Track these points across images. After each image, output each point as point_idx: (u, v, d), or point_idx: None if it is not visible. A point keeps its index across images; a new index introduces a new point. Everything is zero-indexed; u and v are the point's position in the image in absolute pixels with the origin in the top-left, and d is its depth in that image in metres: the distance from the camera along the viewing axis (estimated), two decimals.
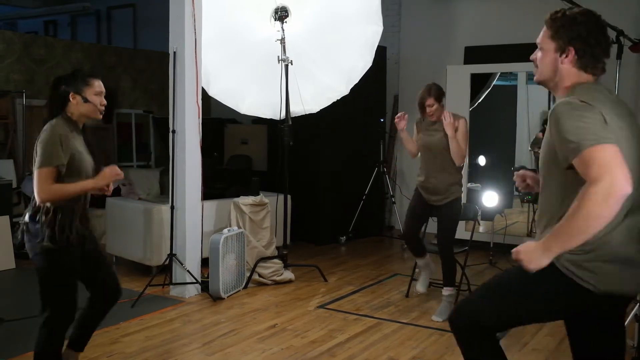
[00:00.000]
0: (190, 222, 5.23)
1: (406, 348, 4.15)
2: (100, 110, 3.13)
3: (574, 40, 2.13)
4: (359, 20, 5.85)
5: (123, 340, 4.23)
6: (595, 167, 1.88)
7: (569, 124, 1.98)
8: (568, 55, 2.14)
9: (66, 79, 3.09)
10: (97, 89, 3.11)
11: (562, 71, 2.17)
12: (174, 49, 5.13)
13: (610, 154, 1.89)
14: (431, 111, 4.66)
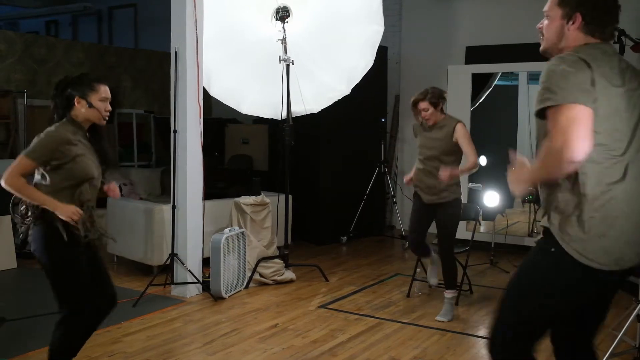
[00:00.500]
0: (191, 221, 5.23)
1: (407, 348, 4.15)
2: (104, 117, 3.13)
3: (580, 5, 2.12)
4: (360, 20, 5.85)
5: (124, 339, 4.24)
6: (555, 126, 1.95)
7: (550, 77, 2.02)
8: (575, 22, 2.13)
9: (72, 82, 3.09)
10: (103, 94, 3.10)
11: (569, 37, 2.15)
12: (176, 49, 5.13)
13: (573, 116, 1.93)
14: (426, 115, 4.59)
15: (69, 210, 2.94)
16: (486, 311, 4.97)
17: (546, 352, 3.73)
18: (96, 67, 9.00)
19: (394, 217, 8.51)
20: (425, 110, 4.59)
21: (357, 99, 6.55)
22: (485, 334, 4.46)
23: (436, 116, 4.63)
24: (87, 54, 8.97)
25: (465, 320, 4.74)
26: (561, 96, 1.96)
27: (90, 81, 3.10)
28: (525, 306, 2.24)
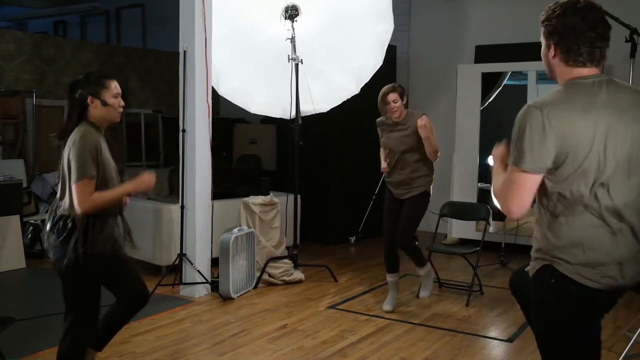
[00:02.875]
0: (200, 221, 5.21)
1: (418, 349, 4.11)
2: (120, 112, 3.07)
3: (552, 35, 2.10)
4: (369, 18, 5.81)
5: (133, 340, 4.22)
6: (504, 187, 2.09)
7: (514, 133, 2.07)
8: (553, 52, 2.11)
9: (81, 82, 2.99)
10: (114, 90, 3.04)
11: (554, 66, 2.14)
12: (184, 48, 5.11)
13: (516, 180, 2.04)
14: (395, 107, 4.60)
15: (145, 182, 3.02)
16: (497, 312, 4.93)
17: None
18: (104, 67, 8.99)
19: None
20: (395, 102, 4.61)
21: (365, 99, 6.49)
22: (496, 335, 4.43)
23: (402, 111, 4.66)
24: (96, 54, 8.97)
25: (477, 322, 4.69)
26: (514, 158, 2.04)
27: (98, 78, 3.02)
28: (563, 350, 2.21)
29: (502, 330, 4.54)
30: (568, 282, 2.07)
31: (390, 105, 4.61)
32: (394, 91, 4.60)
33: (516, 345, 4.24)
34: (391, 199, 4.79)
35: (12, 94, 7.94)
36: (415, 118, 4.61)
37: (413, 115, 4.67)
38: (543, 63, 2.19)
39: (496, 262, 6.45)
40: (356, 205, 7.64)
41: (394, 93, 4.59)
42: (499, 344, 4.29)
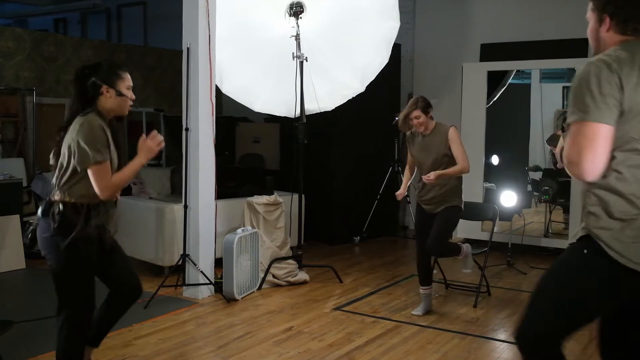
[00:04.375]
0: (203, 221, 5.13)
1: (427, 352, 4.03)
2: (131, 105, 3.01)
3: (606, 7, 2.10)
4: (375, 15, 5.72)
5: (136, 342, 4.13)
6: (573, 140, 1.99)
7: (577, 88, 2.00)
8: (605, 24, 2.11)
9: (95, 70, 2.91)
10: (128, 82, 2.98)
11: (605, 40, 2.13)
12: (188, 45, 5.03)
13: (588, 136, 1.95)
14: (419, 123, 4.53)
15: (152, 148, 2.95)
16: (505, 314, 4.85)
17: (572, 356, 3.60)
18: None
19: (407, 217, 8.38)
20: (418, 118, 4.52)
21: (369, 98, 6.43)
22: (505, 338, 4.34)
23: (428, 123, 4.57)
24: (97, 51, 8.88)
25: (485, 323, 4.61)
26: (584, 113, 1.97)
27: (114, 68, 2.94)
28: (557, 303, 2.21)
29: (511, 333, 4.44)
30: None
31: (414, 122, 4.55)
32: (415, 109, 4.52)
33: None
34: (422, 214, 4.70)
35: (12, 92, 7.86)
36: (445, 130, 4.53)
37: (441, 127, 4.57)
38: (591, 40, 2.17)
39: (503, 263, 6.37)
40: (360, 205, 7.56)
41: (416, 111, 4.52)
42: (509, 346, 4.20)
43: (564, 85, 7.96)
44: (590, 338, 4.32)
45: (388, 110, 7.94)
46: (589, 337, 4.34)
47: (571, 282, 2.15)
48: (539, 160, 7.92)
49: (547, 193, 7.11)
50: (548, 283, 2.27)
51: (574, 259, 2.18)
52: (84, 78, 2.90)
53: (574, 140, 1.98)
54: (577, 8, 7.25)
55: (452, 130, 4.51)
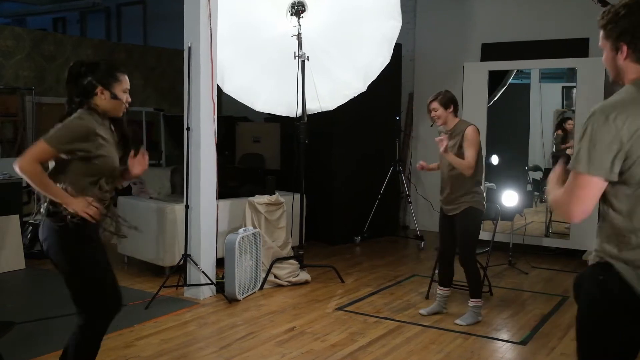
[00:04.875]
0: (205, 221, 5.11)
1: (430, 352, 4.02)
2: (126, 108, 2.93)
3: (622, 35, 2.03)
4: (377, 15, 5.71)
5: (138, 343, 4.11)
6: (568, 189, 1.98)
7: (584, 137, 1.98)
8: (622, 52, 2.04)
9: (92, 69, 2.83)
10: (125, 85, 2.90)
11: (623, 68, 2.07)
12: (189, 44, 5.00)
13: (582, 187, 1.94)
14: (435, 115, 4.52)
15: (82, 205, 2.71)
16: (508, 314, 4.84)
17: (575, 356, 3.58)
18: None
19: (408, 217, 8.37)
20: (435, 110, 4.52)
21: (370, 97, 6.42)
22: (508, 338, 4.33)
23: (447, 118, 4.53)
24: (96, 50, 8.85)
25: (488, 324, 4.59)
26: (583, 165, 1.95)
27: (112, 70, 2.87)
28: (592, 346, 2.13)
29: (514, 333, 4.44)
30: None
31: (431, 114, 4.54)
32: (435, 100, 4.52)
33: (530, 348, 4.15)
34: (443, 215, 4.67)
35: (11, 91, 7.83)
36: (463, 128, 4.47)
37: (462, 125, 4.51)
38: (608, 68, 2.12)
39: (504, 263, 6.36)
40: (361, 205, 7.54)
41: (435, 102, 4.51)
42: (512, 346, 4.19)
43: (563, 85, 7.95)
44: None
45: (389, 110, 7.95)
46: None
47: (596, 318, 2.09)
48: (539, 160, 7.92)
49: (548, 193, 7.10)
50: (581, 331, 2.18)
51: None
52: (80, 76, 2.83)
53: (569, 188, 1.98)
54: (576, 8, 7.31)
55: (469, 129, 4.44)
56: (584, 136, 1.96)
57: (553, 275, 6.10)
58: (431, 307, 4.80)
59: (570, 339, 4.28)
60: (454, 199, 4.52)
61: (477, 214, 4.54)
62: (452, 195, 4.52)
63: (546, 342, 4.24)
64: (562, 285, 5.69)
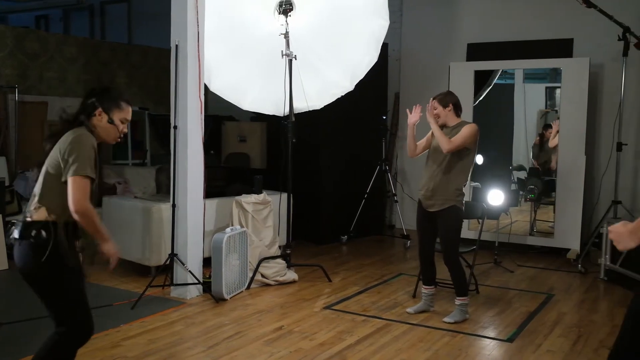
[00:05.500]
0: (192, 220, 5.08)
1: (418, 350, 4.03)
2: (119, 137, 2.94)
3: None
4: (365, 13, 5.71)
5: (124, 343, 4.08)
6: None
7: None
8: None
9: (100, 93, 2.91)
10: (126, 115, 2.93)
11: None
12: (176, 42, 4.97)
13: None
14: (435, 113, 4.59)
15: (114, 249, 2.85)
16: (494, 312, 4.87)
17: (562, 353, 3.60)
18: (90, 63, 8.80)
19: (394, 216, 8.39)
20: (435, 109, 4.60)
21: (357, 97, 6.43)
22: (495, 335, 4.36)
23: (446, 117, 4.59)
24: (80, 48, 8.76)
25: (475, 321, 4.62)
26: None
27: (118, 98, 2.92)
28: None
29: (500, 330, 4.47)
30: None
31: (431, 112, 4.60)
32: (434, 98, 4.62)
33: (516, 345, 4.17)
34: (422, 212, 4.67)
35: None
36: (461, 127, 4.53)
37: (460, 125, 4.57)
38: None
39: (490, 261, 6.40)
40: (348, 204, 7.54)
41: (435, 100, 4.61)
42: (499, 344, 4.22)
43: (546, 86, 8.01)
44: (578, 334, 4.36)
45: (375, 109, 7.96)
46: (577, 333, 4.38)
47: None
48: (523, 160, 7.97)
49: (533, 192, 7.16)
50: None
51: None
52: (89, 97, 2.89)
53: None
54: (561, 9, 7.38)
55: (467, 125, 4.53)
56: None
57: (538, 273, 6.15)
58: (418, 306, 4.82)
59: (556, 336, 4.32)
60: (438, 195, 4.53)
61: (460, 213, 4.60)
62: (437, 190, 4.53)
63: (532, 339, 4.27)
64: (547, 283, 5.75)
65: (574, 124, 6.64)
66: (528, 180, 7.41)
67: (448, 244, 4.57)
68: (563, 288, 5.56)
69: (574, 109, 6.61)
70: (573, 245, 6.65)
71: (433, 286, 4.83)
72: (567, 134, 6.72)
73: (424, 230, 4.70)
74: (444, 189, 4.51)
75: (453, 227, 4.56)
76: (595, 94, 6.96)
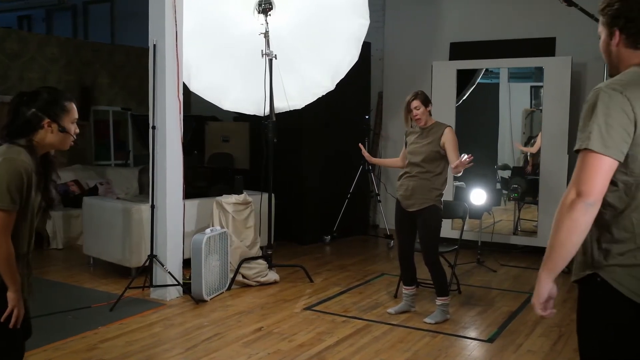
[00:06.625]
0: (171, 221, 5.04)
1: (398, 351, 4.01)
2: (72, 142, 2.53)
3: (615, 19, 2.00)
4: (345, 13, 5.69)
5: (102, 346, 4.03)
6: (574, 174, 1.88)
7: (585, 114, 1.90)
8: (615, 38, 2.01)
9: (35, 99, 2.44)
10: (74, 115, 2.51)
11: (617, 54, 2.02)
12: (154, 42, 4.93)
13: (595, 167, 1.85)
14: (417, 114, 4.54)
15: (20, 304, 2.36)
16: (476, 312, 4.86)
17: (542, 353, 3.59)
18: (71, 63, 8.73)
19: (378, 216, 8.38)
20: (417, 109, 4.55)
21: (340, 96, 6.41)
22: (476, 335, 4.35)
23: (426, 117, 4.58)
24: (62, 49, 8.68)
25: (456, 322, 4.61)
26: (589, 141, 1.87)
27: (58, 99, 2.48)
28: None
29: (481, 331, 4.46)
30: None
31: (412, 112, 4.56)
32: (416, 98, 4.56)
33: (497, 345, 4.16)
34: (401, 212, 4.66)
35: None
36: (441, 129, 4.52)
37: (438, 126, 4.56)
38: (604, 55, 2.07)
39: (473, 261, 6.40)
40: (331, 204, 7.52)
41: (416, 100, 4.56)
42: (480, 344, 4.21)
43: (531, 85, 8.03)
44: (559, 334, 4.35)
45: (358, 108, 7.95)
46: (558, 332, 4.38)
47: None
48: (508, 159, 7.99)
49: (516, 191, 7.17)
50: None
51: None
52: (21, 105, 2.43)
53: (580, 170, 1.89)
54: (543, 8, 7.39)
55: (448, 130, 4.50)
56: (593, 114, 1.87)
57: (521, 272, 6.15)
58: (399, 306, 4.80)
59: (536, 336, 4.31)
60: (417, 195, 4.51)
61: (440, 213, 4.59)
62: (416, 190, 4.51)
63: (513, 339, 4.26)
64: (529, 282, 5.74)
65: (557, 123, 6.65)
66: (511, 179, 7.42)
67: (428, 244, 4.56)
68: None
69: (557, 108, 6.61)
70: None
71: (414, 286, 4.81)
72: (550, 133, 6.73)
73: (403, 230, 4.68)
74: (422, 189, 4.50)
75: (432, 227, 4.55)
76: (577, 93, 6.97)
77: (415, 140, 4.63)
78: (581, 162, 1.88)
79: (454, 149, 4.45)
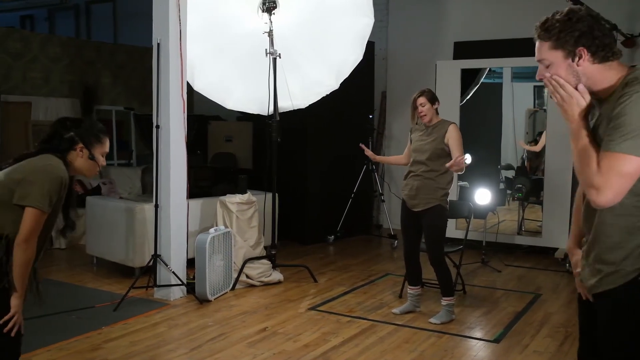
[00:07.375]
0: (175, 221, 5.02)
1: (404, 351, 3.98)
2: (97, 171, 2.74)
3: (580, 39, 1.96)
4: (349, 12, 5.67)
5: (106, 346, 4.01)
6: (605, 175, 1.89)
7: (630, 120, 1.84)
8: (582, 57, 1.97)
9: (78, 125, 2.66)
10: (105, 149, 2.71)
11: (586, 73, 1.98)
12: (158, 40, 4.91)
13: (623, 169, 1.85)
14: (423, 111, 4.52)
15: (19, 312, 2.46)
16: (481, 312, 4.83)
17: (548, 353, 3.56)
18: (74, 62, 8.71)
19: (381, 216, 8.35)
20: (423, 106, 4.53)
21: (343, 96, 6.38)
22: (481, 336, 4.32)
23: (432, 114, 4.56)
24: (65, 48, 8.66)
25: (462, 322, 4.58)
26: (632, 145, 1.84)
27: (97, 131, 2.69)
28: None
29: (487, 331, 4.44)
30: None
31: (419, 109, 4.55)
32: (422, 95, 4.56)
33: (503, 346, 4.14)
34: (406, 211, 4.63)
35: None
36: (445, 126, 4.50)
37: (443, 123, 4.55)
38: (567, 78, 2.02)
39: (477, 261, 6.37)
40: (334, 204, 7.50)
41: (422, 97, 4.55)
42: (486, 344, 4.18)
43: (534, 85, 8.01)
44: (565, 335, 4.33)
45: (362, 108, 7.92)
46: (564, 333, 4.35)
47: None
48: (511, 159, 7.97)
49: (520, 191, 7.15)
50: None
51: None
52: (63, 128, 2.64)
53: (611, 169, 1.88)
54: (548, 6, 7.33)
55: (452, 127, 4.49)
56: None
57: (526, 272, 6.13)
58: (404, 307, 4.78)
59: (542, 336, 4.29)
60: (422, 194, 4.49)
61: (445, 213, 4.57)
62: (421, 189, 4.50)
63: (519, 339, 4.24)
64: (534, 282, 5.72)
65: (562, 122, 6.57)
66: (516, 179, 7.40)
67: (433, 244, 4.54)
68: (550, 288, 5.54)
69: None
70: (561, 244, 6.63)
71: (419, 286, 4.79)
72: (555, 133, 6.70)
73: (409, 230, 4.66)
74: (427, 188, 4.47)
75: (438, 227, 4.53)
76: None
77: (420, 137, 4.61)
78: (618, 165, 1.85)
79: (457, 145, 4.42)
